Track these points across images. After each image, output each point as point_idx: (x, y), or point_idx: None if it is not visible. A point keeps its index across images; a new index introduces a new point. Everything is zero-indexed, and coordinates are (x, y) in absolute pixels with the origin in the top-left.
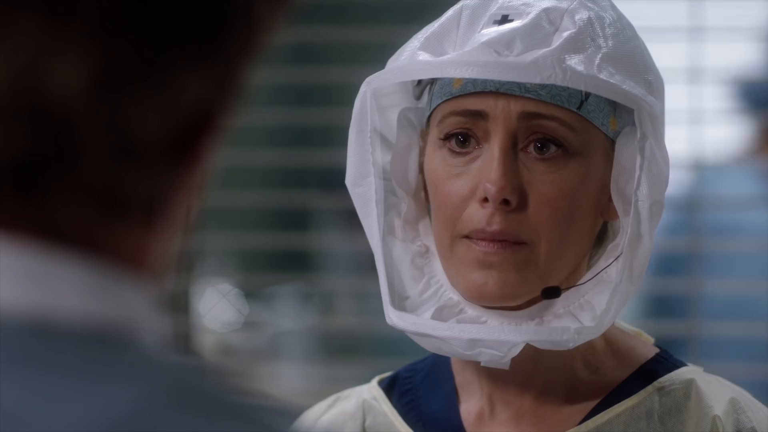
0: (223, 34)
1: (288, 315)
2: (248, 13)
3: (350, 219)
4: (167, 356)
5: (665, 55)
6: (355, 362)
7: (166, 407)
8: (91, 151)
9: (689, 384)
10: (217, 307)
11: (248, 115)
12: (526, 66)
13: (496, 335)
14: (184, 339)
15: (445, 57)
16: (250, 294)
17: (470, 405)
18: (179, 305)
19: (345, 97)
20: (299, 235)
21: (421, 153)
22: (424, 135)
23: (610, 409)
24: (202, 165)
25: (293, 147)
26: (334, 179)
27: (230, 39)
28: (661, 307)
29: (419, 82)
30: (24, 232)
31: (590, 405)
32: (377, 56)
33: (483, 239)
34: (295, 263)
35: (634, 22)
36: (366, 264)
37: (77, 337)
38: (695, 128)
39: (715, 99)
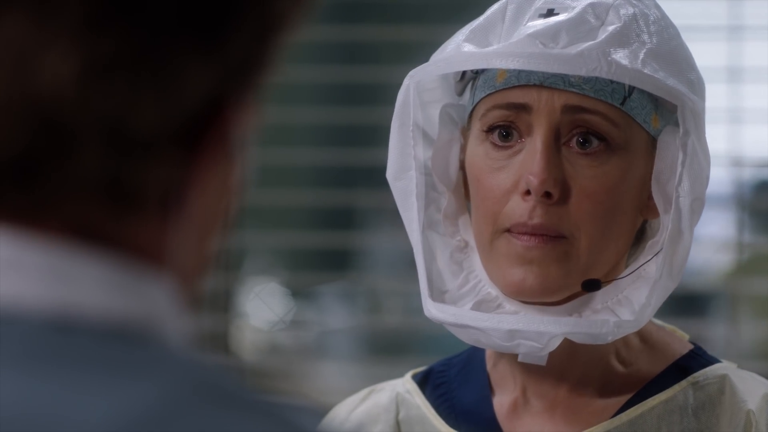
0: (232, 28)
1: (334, 313)
2: (263, 9)
3: (396, 217)
4: (190, 353)
5: (705, 54)
6: (402, 361)
7: (191, 403)
8: (87, 144)
9: (723, 379)
10: (263, 305)
11: (296, 113)
12: (572, 58)
13: (535, 326)
14: (223, 337)
15: (490, 48)
16: (296, 292)
17: (503, 397)
18: (219, 303)
19: (392, 95)
20: (345, 233)
21: (462, 150)
22: (465, 132)
23: (644, 402)
24: (224, 161)
25: (340, 146)
26: (380, 178)
27: (241, 34)
28: None
29: (462, 77)
30: (38, 229)
31: (624, 398)
32: (427, 55)
33: (524, 233)
34: (341, 262)
35: (673, 21)
36: (412, 262)
37: (100, 333)
38: (734, 127)
39: (755, 98)
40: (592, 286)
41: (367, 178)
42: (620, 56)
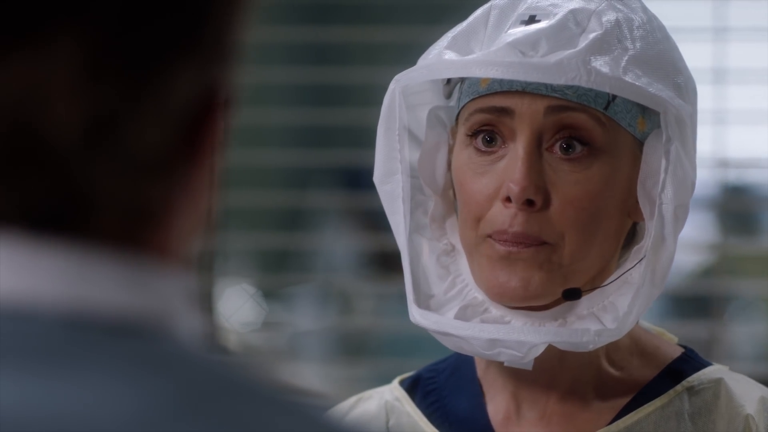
0: (202, 30)
1: (307, 315)
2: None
3: (370, 219)
4: (204, 349)
5: (689, 55)
6: (374, 362)
7: (208, 399)
8: (101, 180)
9: (718, 383)
10: (236, 307)
11: (266, 115)
12: (551, 67)
13: (515, 336)
14: (210, 339)
15: (470, 57)
16: (269, 294)
17: (496, 404)
18: (204, 305)
19: (364, 97)
20: (318, 235)
21: (450, 151)
22: (454, 133)
23: (640, 409)
24: (211, 156)
25: (313, 147)
26: (355, 179)
27: (208, 33)
28: None
29: (449, 80)
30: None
31: (619, 405)
32: (396, 57)
33: (505, 240)
34: (313, 263)
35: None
36: (384, 264)
37: (115, 330)
38: (719, 129)
39: (740, 99)
40: (572, 295)
41: (342, 179)
42: (600, 64)
